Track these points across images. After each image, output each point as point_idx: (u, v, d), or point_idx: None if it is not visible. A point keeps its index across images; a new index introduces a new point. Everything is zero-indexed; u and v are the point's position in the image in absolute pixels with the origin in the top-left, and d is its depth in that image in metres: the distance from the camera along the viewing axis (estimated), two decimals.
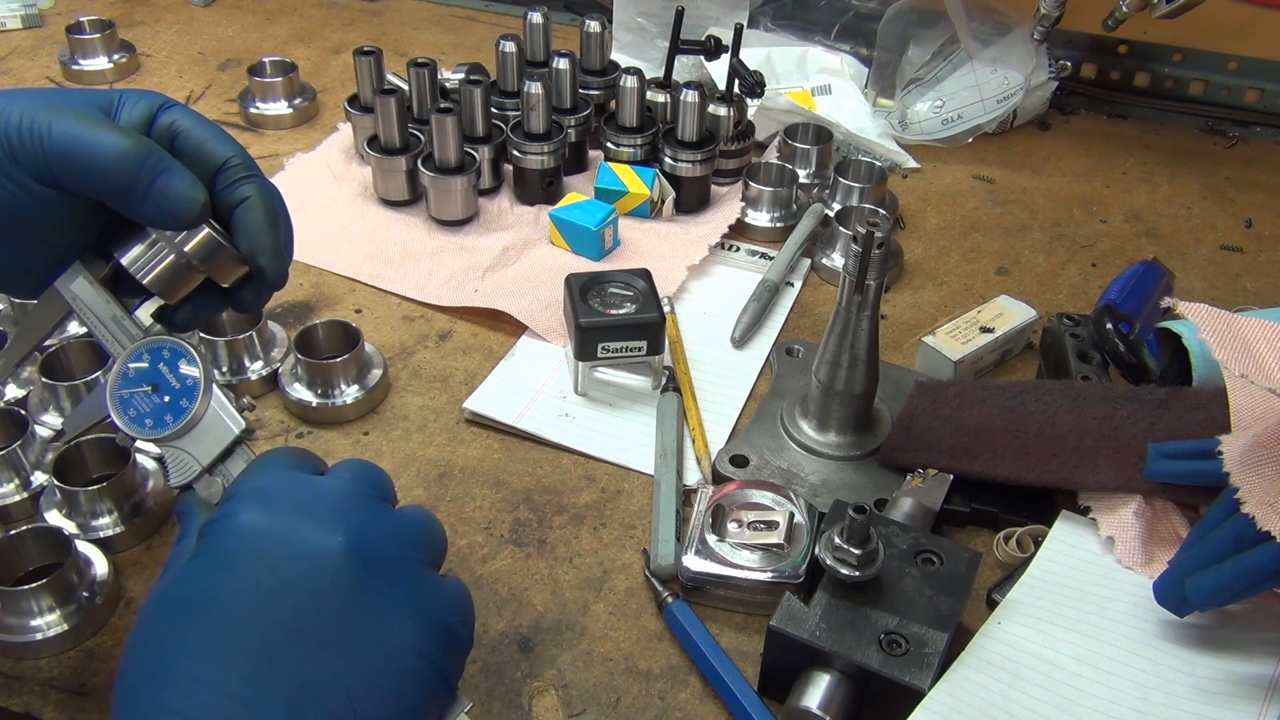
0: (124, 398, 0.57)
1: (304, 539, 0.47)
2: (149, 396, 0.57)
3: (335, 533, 0.48)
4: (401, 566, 0.49)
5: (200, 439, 0.57)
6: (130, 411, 0.57)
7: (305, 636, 0.45)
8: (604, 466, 0.82)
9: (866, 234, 0.70)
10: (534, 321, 0.93)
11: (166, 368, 0.57)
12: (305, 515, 0.48)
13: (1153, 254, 1.06)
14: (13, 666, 0.66)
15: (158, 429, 0.57)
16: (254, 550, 0.47)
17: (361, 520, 0.49)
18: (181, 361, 0.57)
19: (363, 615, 0.47)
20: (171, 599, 0.47)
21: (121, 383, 0.57)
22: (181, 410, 0.56)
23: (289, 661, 0.45)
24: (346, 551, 0.47)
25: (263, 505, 0.49)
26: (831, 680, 0.61)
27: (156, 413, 0.57)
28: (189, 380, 0.57)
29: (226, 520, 0.48)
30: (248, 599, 0.46)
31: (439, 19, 1.50)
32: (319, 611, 0.46)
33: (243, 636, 0.45)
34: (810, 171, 1.12)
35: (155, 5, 1.49)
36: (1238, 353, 0.74)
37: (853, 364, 0.77)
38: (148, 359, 0.57)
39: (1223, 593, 0.61)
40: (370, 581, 0.47)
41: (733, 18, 1.22)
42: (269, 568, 0.47)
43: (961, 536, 0.76)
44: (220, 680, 0.44)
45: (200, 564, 0.48)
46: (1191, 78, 1.29)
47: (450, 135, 1.00)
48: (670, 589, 0.71)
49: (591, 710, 0.65)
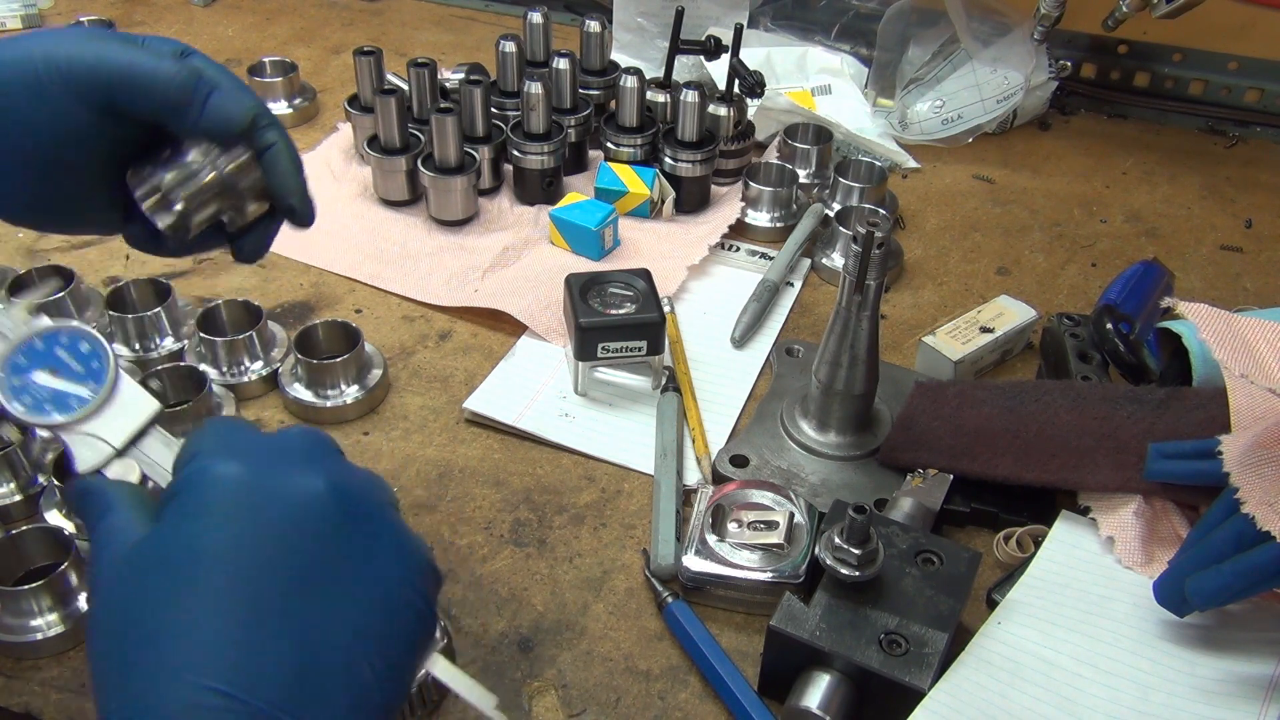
0: (15, 386, 0.54)
1: (286, 485, 0.47)
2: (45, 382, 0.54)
3: (315, 477, 0.47)
4: (377, 508, 0.49)
5: (110, 421, 0.54)
6: (25, 399, 0.54)
7: (303, 579, 0.45)
8: (604, 466, 0.82)
9: (866, 234, 0.70)
10: (534, 321, 0.93)
11: (66, 353, 0.55)
12: (281, 462, 0.48)
13: (1153, 254, 1.06)
14: (13, 666, 0.66)
15: (63, 412, 0.53)
16: (237, 499, 0.46)
17: (337, 466, 0.49)
18: (82, 344, 0.55)
19: (354, 555, 0.47)
20: (152, 559, 0.46)
21: (12, 371, 0.54)
22: (86, 395, 0.54)
23: (291, 605, 0.44)
24: (330, 494, 0.47)
25: (236, 456, 0.47)
26: (831, 680, 0.61)
27: (58, 398, 0.54)
28: (93, 363, 0.54)
29: (202, 474, 0.47)
30: (239, 547, 0.45)
31: (439, 19, 1.50)
32: (312, 554, 0.46)
33: (241, 584, 0.44)
34: (810, 171, 1.12)
35: (155, 5, 1.49)
36: (1238, 353, 0.74)
37: (853, 364, 0.77)
38: (42, 345, 0.54)
39: (1223, 593, 0.61)
40: (355, 522, 0.47)
41: (733, 18, 1.22)
42: (256, 514, 0.46)
43: (961, 536, 0.76)
44: (225, 629, 0.43)
45: (179, 520, 0.46)
46: (1191, 78, 1.29)
47: (450, 135, 1.00)
48: (670, 589, 0.71)
49: (591, 710, 0.65)
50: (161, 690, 0.42)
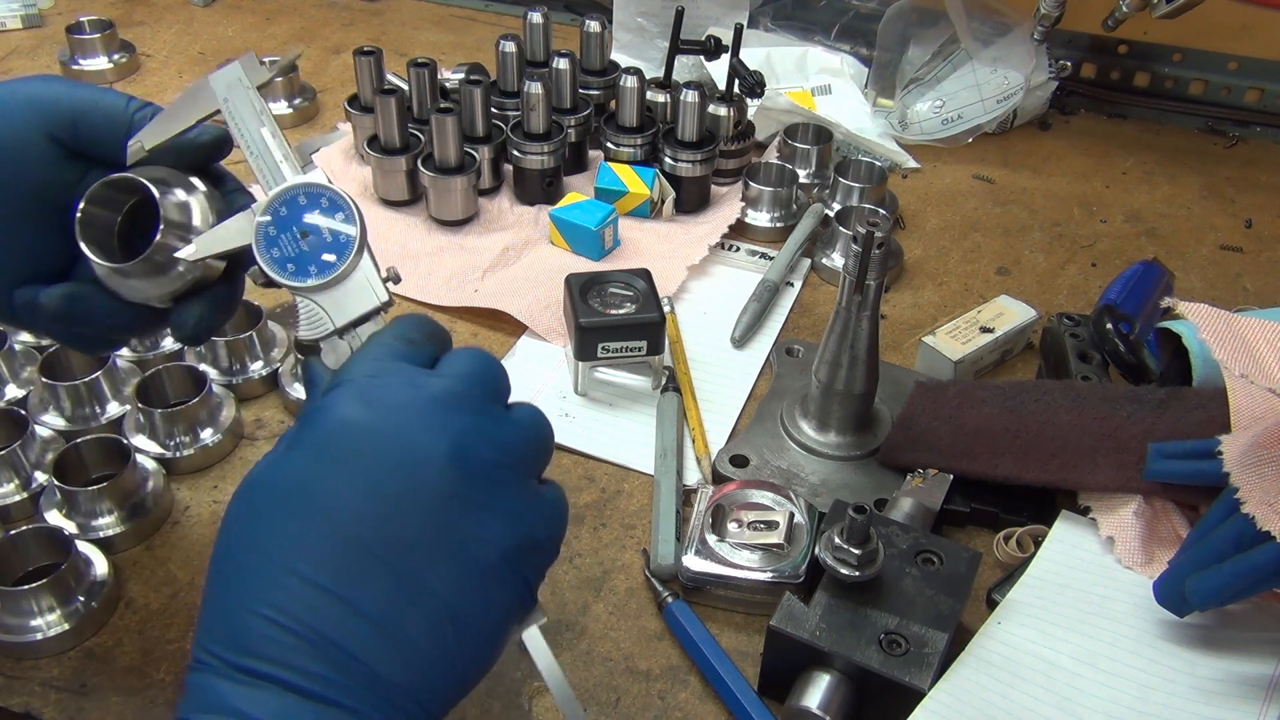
0: (270, 235, 0.52)
1: (408, 442, 0.46)
2: (296, 241, 0.53)
3: (440, 439, 0.46)
4: (503, 477, 0.48)
5: (339, 299, 0.53)
6: (274, 251, 0.52)
7: (402, 540, 0.45)
8: (604, 466, 0.82)
9: (866, 234, 0.70)
10: (534, 321, 0.93)
11: (322, 215, 0.53)
12: (410, 416, 0.47)
13: (1153, 254, 1.06)
14: (13, 666, 0.66)
15: (299, 277, 0.52)
16: (357, 447, 0.46)
17: (467, 426, 0.47)
18: (339, 214, 0.53)
19: (460, 524, 0.46)
20: (268, 487, 0.46)
21: (272, 219, 0.53)
22: (328, 265, 0.52)
23: (385, 563, 0.44)
24: (450, 459, 0.46)
25: (367, 401, 0.47)
26: (831, 680, 0.61)
27: (301, 260, 0.52)
28: (343, 236, 0.53)
29: (328, 412, 0.47)
30: (346, 495, 0.45)
31: (439, 19, 1.50)
32: (418, 517, 0.45)
33: (339, 531, 0.44)
34: (810, 171, 1.12)
35: (155, 5, 1.49)
36: (1238, 353, 0.74)
37: (853, 364, 0.77)
38: (305, 201, 0.53)
39: (1223, 593, 0.61)
40: (471, 491, 0.46)
41: (733, 18, 1.22)
42: (370, 468, 0.45)
43: (961, 536, 0.76)
44: (317, 575, 0.43)
45: (299, 454, 0.46)
46: (1191, 78, 1.29)
47: (450, 135, 1.00)
48: (670, 589, 0.71)
49: (591, 710, 0.65)
50: (241, 621, 0.43)
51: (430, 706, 0.45)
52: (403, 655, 0.44)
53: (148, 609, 0.70)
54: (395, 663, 0.44)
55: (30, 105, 0.56)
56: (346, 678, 0.43)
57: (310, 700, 0.42)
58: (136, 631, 0.69)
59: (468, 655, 0.46)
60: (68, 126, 0.56)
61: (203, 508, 0.77)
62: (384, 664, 0.43)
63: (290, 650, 0.42)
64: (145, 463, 0.77)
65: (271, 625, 0.43)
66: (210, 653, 0.43)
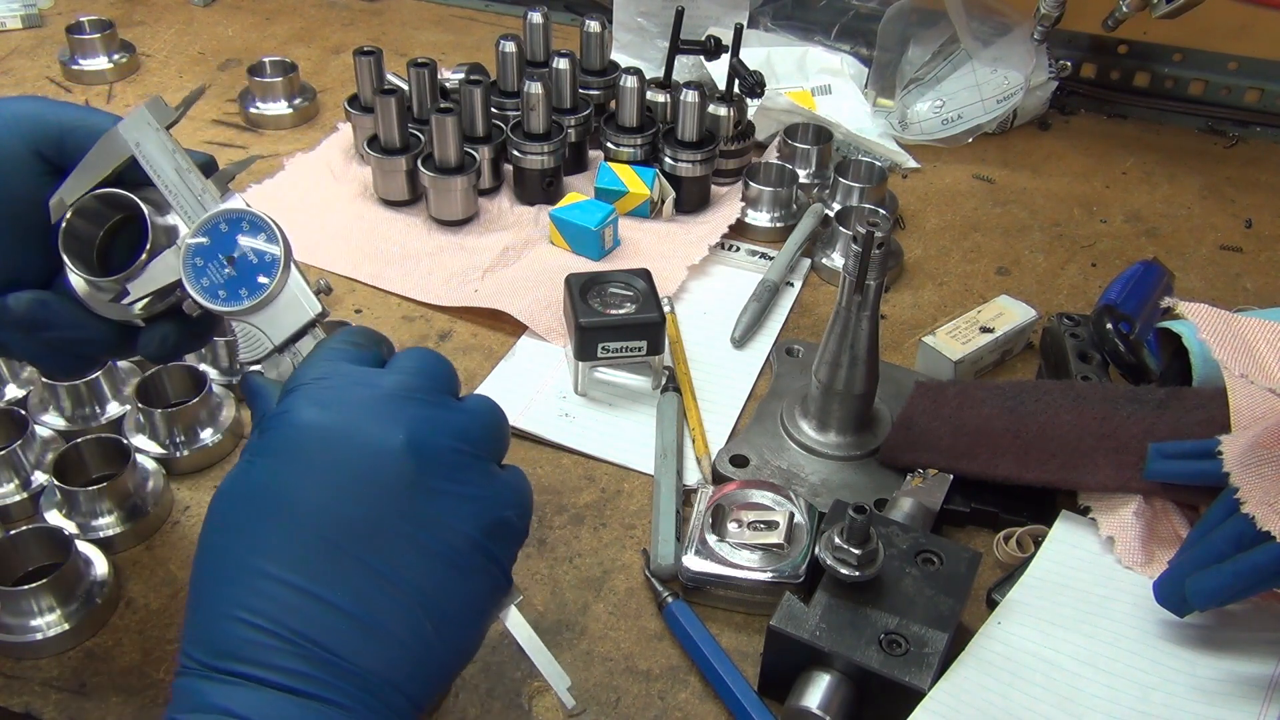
0: (197, 266, 0.54)
1: (364, 436, 0.47)
2: (223, 267, 0.54)
3: (396, 430, 0.47)
4: (462, 461, 0.49)
5: (274, 317, 0.54)
6: (204, 281, 0.54)
7: (369, 532, 0.46)
8: (604, 466, 0.82)
9: (866, 234, 0.70)
10: (534, 321, 0.93)
11: (246, 239, 0.54)
12: (365, 412, 0.48)
13: (1153, 254, 1.06)
14: (13, 666, 0.66)
15: (231, 302, 0.54)
16: (315, 447, 0.47)
17: (422, 416, 0.49)
18: (261, 235, 0.54)
19: (424, 511, 0.47)
20: (235, 495, 0.47)
21: (196, 250, 0.54)
22: (259, 286, 0.54)
23: (354, 556, 0.45)
24: (407, 449, 0.47)
25: (322, 403, 0.48)
26: (831, 680, 0.61)
27: (231, 285, 0.54)
28: (267, 256, 0.54)
29: (286, 416, 0.48)
30: (311, 495, 0.46)
31: (439, 19, 1.50)
32: (381, 508, 0.46)
33: (308, 532, 0.45)
34: (810, 171, 1.12)
35: (155, 5, 1.49)
36: (1238, 353, 0.74)
37: (853, 364, 0.77)
38: (225, 228, 0.54)
39: (1223, 593, 0.61)
40: (431, 478, 0.47)
41: (733, 18, 1.22)
42: (330, 465, 0.47)
43: (961, 536, 0.76)
44: (286, 575, 0.45)
45: (262, 460, 0.48)
46: (1191, 78, 1.29)
47: (450, 135, 1.00)
48: (670, 589, 0.71)
49: (591, 710, 0.65)
50: (218, 625, 0.44)
51: (413, 694, 0.46)
52: (380, 646, 0.45)
53: (148, 609, 0.70)
54: (373, 654, 0.44)
55: (18, 122, 0.57)
56: (325, 672, 0.43)
57: (293, 695, 0.43)
58: (136, 631, 0.69)
59: (447, 641, 0.47)
60: (54, 143, 0.57)
61: (203, 508, 0.77)
62: (361, 656, 0.44)
63: (268, 650, 0.43)
64: (145, 463, 0.77)
65: (247, 627, 0.44)
66: (193, 658, 0.44)
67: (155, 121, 0.56)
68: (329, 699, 0.43)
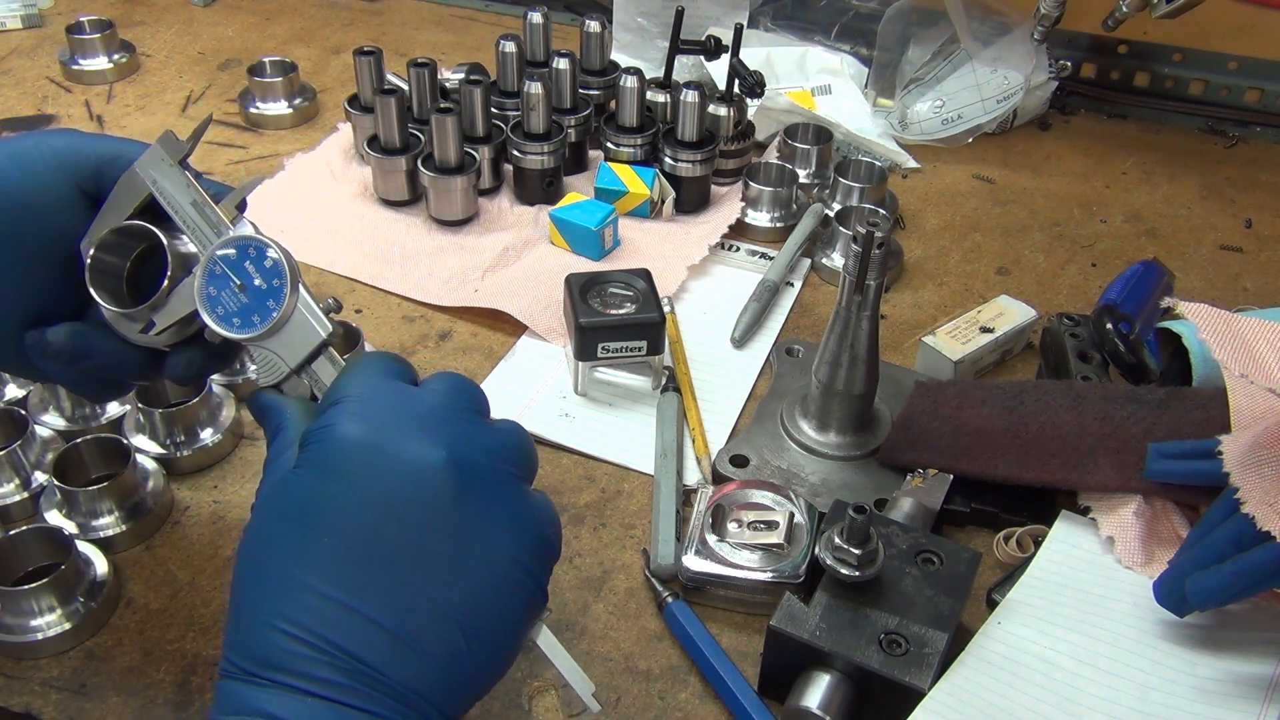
0: (211, 295, 0.55)
1: (407, 452, 0.48)
2: (236, 295, 0.55)
3: (437, 446, 0.48)
4: (499, 480, 0.49)
5: (287, 340, 0.55)
6: (218, 310, 0.55)
7: (410, 548, 0.46)
8: (604, 466, 0.82)
9: (866, 234, 0.70)
10: (534, 321, 0.93)
11: (253, 266, 0.55)
12: (407, 428, 0.49)
13: (1153, 254, 1.06)
14: (13, 666, 0.66)
15: (245, 329, 0.55)
16: (358, 462, 0.47)
17: (461, 434, 0.49)
18: (267, 260, 0.55)
19: (465, 529, 0.47)
20: (279, 506, 0.48)
21: (209, 280, 0.55)
22: (269, 310, 0.55)
23: (395, 571, 0.46)
24: (449, 465, 0.48)
25: (364, 417, 0.49)
26: (831, 680, 0.61)
27: (244, 312, 0.55)
28: (275, 280, 0.55)
29: (329, 430, 0.48)
30: (354, 509, 0.47)
31: (439, 19, 1.50)
32: (423, 524, 0.47)
33: (350, 546, 0.46)
34: (810, 171, 1.12)
35: (155, 5, 1.49)
36: (1238, 353, 0.74)
37: (853, 364, 0.77)
38: (234, 254, 0.55)
39: (1223, 593, 0.61)
40: (471, 495, 0.48)
41: (733, 18, 1.22)
42: (373, 479, 0.47)
43: (961, 536, 0.76)
44: (329, 588, 0.45)
45: (306, 473, 0.48)
46: (1191, 78, 1.29)
47: (450, 135, 1.00)
48: (670, 589, 0.71)
49: (591, 710, 0.65)
50: (257, 634, 0.45)
51: (446, 708, 0.46)
52: (415, 661, 0.45)
53: (148, 609, 0.70)
54: (408, 668, 0.45)
55: (59, 158, 0.58)
56: (362, 684, 0.44)
57: (330, 704, 0.44)
58: (136, 631, 0.69)
59: (481, 657, 0.47)
60: (91, 177, 0.58)
61: (203, 508, 0.77)
62: (397, 669, 0.45)
63: (305, 660, 0.44)
64: (145, 463, 0.77)
65: (286, 638, 0.44)
66: (234, 663, 0.45)
67: (169, 158, 0.57)
68: (366, 709, 0.44)
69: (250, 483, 0.79)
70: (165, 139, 0.57)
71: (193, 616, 0.69)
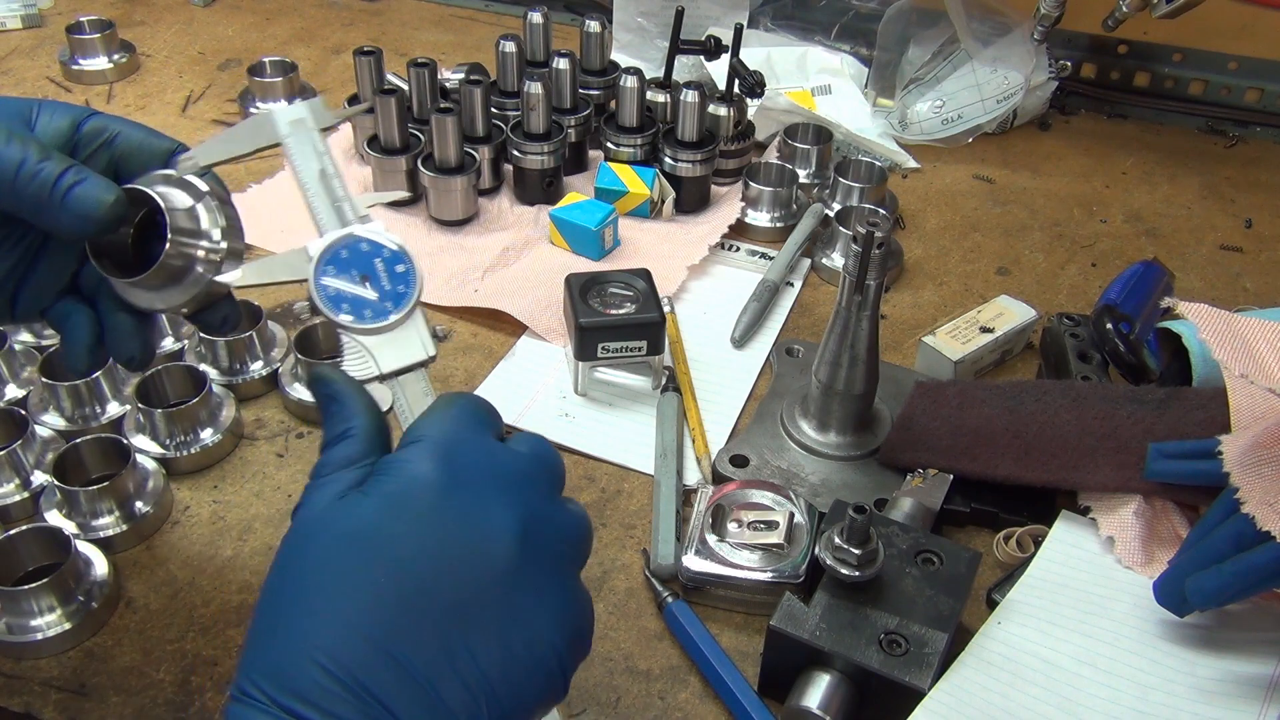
0: (327, 273, 0.54)
1: (480, 511, 0.47)
2: (355, 282, 0.55)
3: (511, 512, 0.47)
4: (559, 564, 0.48)
5: (387, 346, 0.54)
6: (329, 289, 0.54)
7: (459, 606, 0.45)
8: (604, 466, 0.82)
9: (866, 234, 0.70)
10: (534, 321, 0.93)
11: (383, 265, 0.55)
12: (484, 485, 0.47)
13: (1153, 254, 1.06)
14: (13, 666, 0.66)
15: (354, 318, 0.54)
16: (428, 504, 0.46)
17: (535, 506, 0.48)
18: (399, 265, 0.55)
19: (518, 604, 0.46)
20: (335, 528, 0.46)
21: (331, 258, 0.54)
22: (383, 311, 0.54)
23: (438, 626, 0.44)
24: (517, 534, 0.46)
25: (445, 461, 0.47)
26: (831, 680, 0.61)
27: (356, 303, 0.54)
28: (400, 287, 0.54)
29: (408, 465, 0.47)
30: (412, 551, 0.45)
31: (439, 19, 1.50)
32: (477, 586, 0.46)
33: (404, 590, 0.44)
34: (810, 171, 1.12)
35: (155, 5, 1.49)
36: (1238, 353, 0.74)
37: (853, 364, 0.77)
38: (367, 248, 0.55)
39: (1223, 593, 0.61)
40: (532, 572, 0.47)
41: (733, 18, 1.22)
42: (439, 527, 0.46)
43: (961, 536, 0.76)
44: (369, 626, 0.43)
45: (374, 502, 0.46)
46: (1191, 78, 1.29)
47: (450, 135, 1.00)
48: (670, 589, 0.71)
49: (591, 710, 0.65)
50: (295, 662, 0.43)
51: None
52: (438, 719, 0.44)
53: (148, 609, 0.70)
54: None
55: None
56: None
57: None
58: (136, 631, 0.69)
59: None
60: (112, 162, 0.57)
61: (203, 508, 0.77)
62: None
63: (334, 699, 0.42)
64: (145, 463, 0.77)
65: (321, 671, 0.42)
66: (258, 686, 0.43)
67: (312, 121, 0.57)
68: None
69: (250, 483, 0.79)
70: (315, 103, 0.57)
71: (193, 616, 0.69)
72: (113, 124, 0.58)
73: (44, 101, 0.57)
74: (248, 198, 1.08)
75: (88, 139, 0.57)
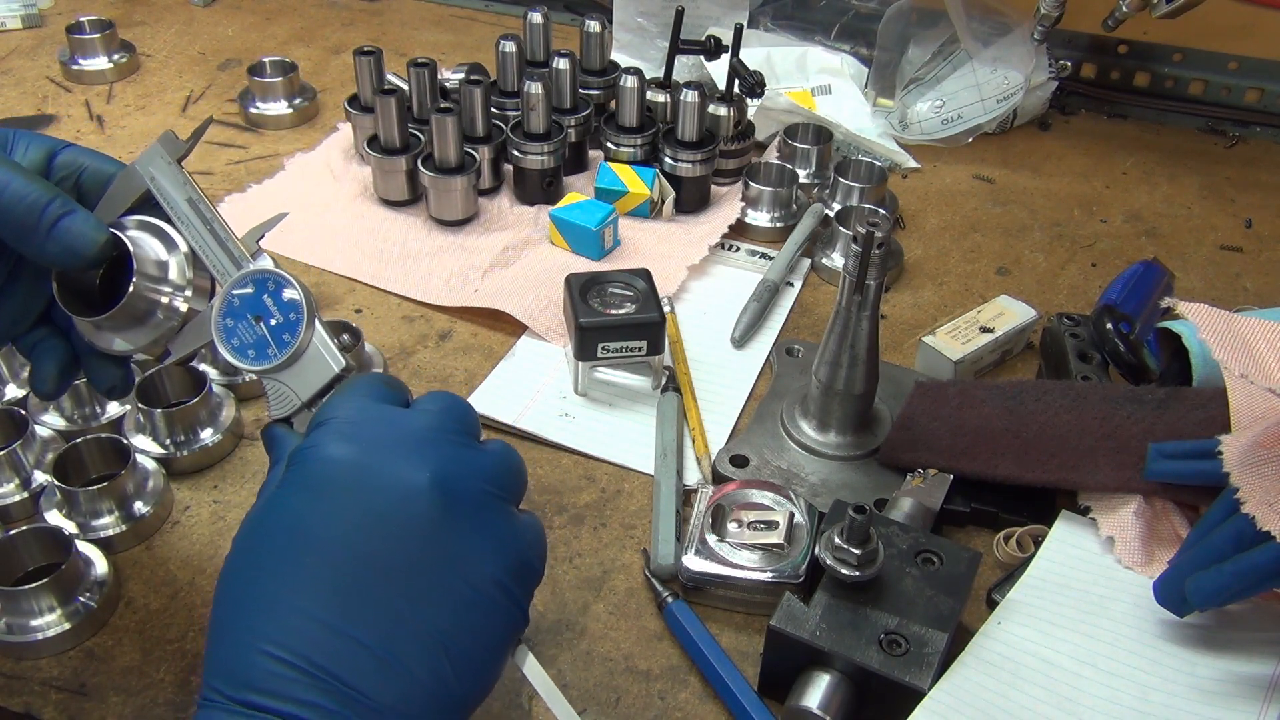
0: (228, 327, 0.55)
1: (392, 474, 0.48)
2: (252, 327, 0.55)
3: (422, 468, 0.48)
4: (484, 502, 0.49)
5: (300, 373, 0.55)
6: (234, 341, 0.55)
7: (395, 569, 0.46)
8: (604, 466, 0.82)
9: (866, 234, 0.70)
10: (534, 321, 0.93)
11: (271, 299, 0.55)
12: (392, 450, 0.49)
13: (1153, 254, 1.06)
14: (13, 666, 0.66)
15: (260, 361, 0.55)
16: (343, 483, 0.47)
17: (447, 456, 0.49)
18: (285, 292, 0.55)
19: (449, 550, 0.47)
20: (264, 527, 0.48)
21: (226, 310, 0.56)
22: (284, 344, 0.55)
23: (381, 594, 0.46)
24: (433, 488, 0.48)
25: (350, 438, 0.49)
26: (831, 680, 0.61)
27: (259, 344, 0.55)
28: (292, 314, 0.55)
29: (315, 450, 0.48)
30: (339, 531, 0.46)
31: (439, 19, 1.50)
32: (408, 546, 0.47)
33: (336, 568, 0.46)
34: (810, 171, 1.12)
35: (155, 5, 1.49)
36: (1238, 353, 0.74)
37: (853, 364, 0.77)
38: (252, 288, 0.55)
39: (1223, 593, 0.61)
40: (456, 518, 0.48)
41: (733, 18, 1.22)
42: (358, 501, 0.47)
43: (961, 536, 0.76)
44: (315, 610, 0.45)
45: (290, 492, 0.48)
46: (1191, 78, 1.29)
47: (450, 135, 1.00)
48: (670, 589, 0.71)
49: (591, 710, 0.65)
50: (243, 657, 0.44)
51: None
52: (399, 683, 0.45)
53: (148, 609, 0.70)
54: (392, 691, 0.45)
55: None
56: (345, 707, 0.44)
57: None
58: (136, 631, 0.69)
59: (464, 679, 0.47)
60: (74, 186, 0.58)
61: (203, 508, 0.77)
62: (382, 693, 0.44)
63: (291, 683, 0.43)
64: (145, 463, 0.77)
65: (272, 660, 0.44)
66: (215, 689, 0.44)
67: (168, 156, 0.57)
68: None
69: (251, 482, 0.79)
70: (165, 138, 0.57)
71: (193, 616, 0.69)
72: (82, 157, 0.59)
73: (17, 131, 0.58)
74: (247, 198, 1.08)
75: (59, 171, 0.58)
